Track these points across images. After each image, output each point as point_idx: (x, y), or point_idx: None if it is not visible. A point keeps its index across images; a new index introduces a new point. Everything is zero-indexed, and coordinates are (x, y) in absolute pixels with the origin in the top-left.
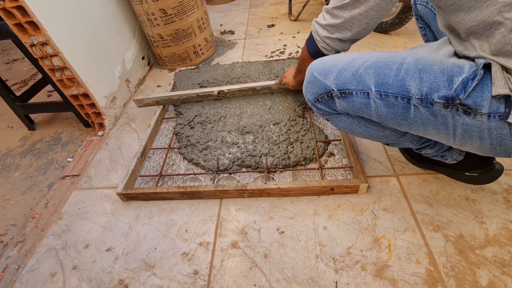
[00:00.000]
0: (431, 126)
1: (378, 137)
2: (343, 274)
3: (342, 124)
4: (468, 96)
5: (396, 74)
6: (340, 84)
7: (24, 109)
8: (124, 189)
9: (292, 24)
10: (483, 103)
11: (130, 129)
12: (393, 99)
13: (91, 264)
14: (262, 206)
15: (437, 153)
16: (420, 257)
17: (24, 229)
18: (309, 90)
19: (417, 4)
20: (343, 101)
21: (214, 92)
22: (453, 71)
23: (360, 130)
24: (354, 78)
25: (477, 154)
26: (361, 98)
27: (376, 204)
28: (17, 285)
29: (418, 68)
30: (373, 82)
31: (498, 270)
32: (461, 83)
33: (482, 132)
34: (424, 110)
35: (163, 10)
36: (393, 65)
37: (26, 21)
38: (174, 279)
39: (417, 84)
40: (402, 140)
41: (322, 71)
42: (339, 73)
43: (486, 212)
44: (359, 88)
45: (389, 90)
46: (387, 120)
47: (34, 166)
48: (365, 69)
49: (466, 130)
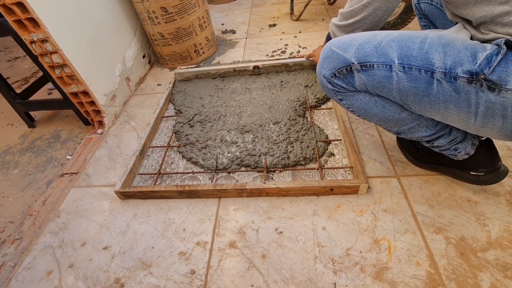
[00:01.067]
0: (453, 104)
1: (393, 121)
2: (342, 276)
3: (358, 103)
4: (492, 71)
5: (420, 47)
6: (361, 57)
7: (24, 106)
8: (122, 187)
9: (294, 23)
10: (508, 78)
11: (129, 127)
12: (416, 72)
13: (87, 263)
14: (260, 206)
15: (450, 145)
16: (421, 259)
17: (22, 226)
18: (326, 66)
19: (420, 3)
20: (363, 74)
21: (249, 67)
22: (476, 47)
23: (376, 110)
24: (376, 51)
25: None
26: (382, 71)
27: (376, 205)
28: (13, 282)
29: (442, 43)
30: (396, 54)
31: (500, 274)
32: (485, 58)
33: (506, 110)
34: (447, 85)
35: (164, 8)
36: (416, 39)
37: (26, 17)
38: (171, 279)
39: (441, 57)
40: (417, 127)
41: (342, 45)
42: (360, 46)
43: (488, 214)
44: (381, 60)
45: (413, 63)
46: (408, 96)
47: (33, 163)
48: (388, 42)
49: (489, 108)
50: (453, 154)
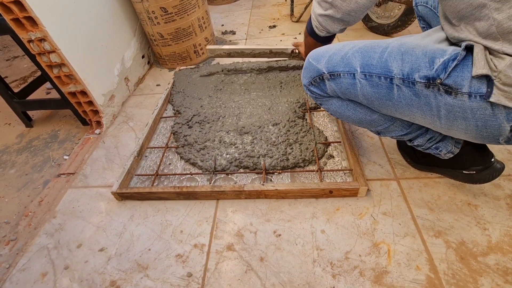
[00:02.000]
0: (415, 108)
1: (367, 122)
2: (341, 280)
3: (333, 107)
4: (448, 76)
5: (380, 56)
6: (330, 67)
7: (21, 105)
8: (119, 188)
9: (294, 25)
10: (463, 82)
11: (127, 128)
12: (376, 79)
13: (83, 265)
14: (259, 208)
15: (430, 144)
16: (420, 263)
17: (17, 227)
18: (305, 75)
19: (418, 5)
20: (333, 82)
21: (287, 50)
22: (435, 53)
23: (349, 113)
24: (343, 61)
25: (471, 145)
26: (348, 79)
27: (376, 208)
28: (7, 284)
29: (401, 51)
30: (359, 64)
31: (501, 279)
32: (442, 64)
33: (465, 113)
34: (407, 90)
35: (164, 8)
36: (378, 49)
37: (23, 16)
38: (167, 281)
39: (399, 65)
40: (391, 128)
41: (316, 57)
42: (330, 57)
43: (488, 218)
44: (346, 69)
45: (373, 71)
46: (373, 101)
47: (30, 163)
48: (352, 53)
49: (450, 111)
50: (437, 153)
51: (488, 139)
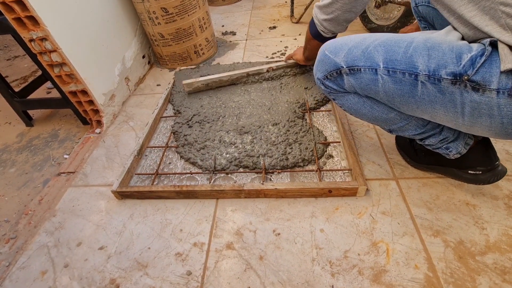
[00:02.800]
0: (439, 104)
1: (382, 120)
2: (340, 278)
3: (348, 103)
4: (476, 72)
5: (405, 52)
6: (349, 61)
7: (22, 105)
8: (119, 187)
9: (294, 26)
10: (492, 78)
11: (128, 127)
12: (400, 75)
13: (83, 263)
14: (258, 207)
15: (441, 144)
16: (419, 262)
17: (17, 225)
18: (319, 68)
19: (418, 6)
20: (352, 77)
21: (263, 70)
22: (462, 49)
23: (365, 110)
24: (364, 55)
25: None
26: (369, 75)
27: (375, 208)
28: (7, 282)
29: (427, 46)
30: (382, 58)
31: (499, 278)
32: (469, 60)
33: (492, 110)
34: (432, 87)
35: (165, 9)
36: (402, 43)
37: (25, 15)
38: (167, 280)
39: (425, 61)
40: (406, 126)
41: (333, 49)
42: (349, 50)
43: (487, 218)
44: (367, 64)
45: (397, 67)
46: (394, 98)
47: (30, 162)
48: (374, 47)
49: (475, 108)
50: (445, 153)
51: (511, 136)
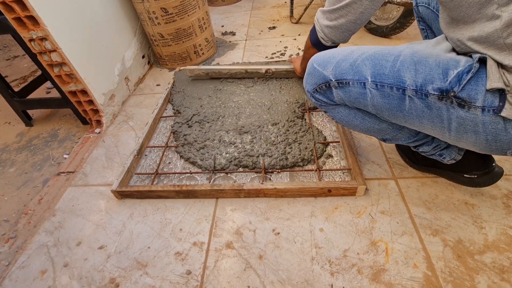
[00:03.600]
0: (426, 119)
1: (374, 131)
2: (339, 277)
3: (339, 115)
4: (462, 89)
5: (392, 66)
6: (338, 74)
7: (22, 104)
8: (119, 187)
9: (293, 26)
10: (477, 96)
11: (127, 127)
12: (388, 89)
13: (82, 262)
14: (258, 207)
15: (435, 151)
16: (418, 261)
17: (17, 225)
18: (309, 81)
19: (419, 6)
20: (340, 91)
21: (261, 70)
22: (448, 64)
23: (356, 122)
24: (352, 69)
25: (475, 151)
26: (357, 88)
27: (374, 207)
28: (7, 281)
29: (414, 60)
30: (370, 72)
31: (497, 276)
32: (456, 76)
33: (477, 127)
34: (419, 101)
35: (164, 9)
36: (389, 57)
37: (25, 15)
38: (167, 279)
39: (412, 76)
40: (399, 136)
41: (322, 62)
42: (337, 63)
43: (485, 217)
44: (356, 78)
45: (385, 81)
46: (383, 111)
47: (29, 162)
48: (362, 60)
49: (461, 124)
50: (440, 159)
51: (495, 152)
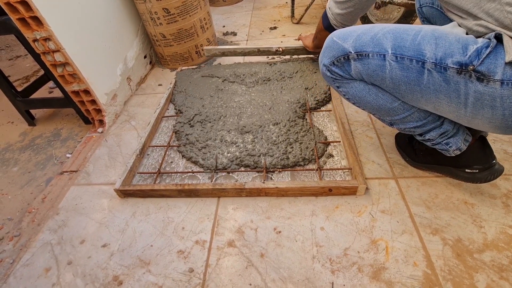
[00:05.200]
0: (443, 94)
1: (386, 110)
2: (340, 275)
3: (353, 91)
4: (481, 63)
5: (413, 39)
6: (358, 46)
7: (25, 104)
8: (121, 186)
9: (294, 27)
10: (496, 69)
11: (130, 127)
12: (408, 62)
13: (86, 260)
14: (259, 206)
15: (442, 139)
16: (418, 260)
17: (21, 223)
18: (326, 54)
19: (422, 7)
20: (359, 63)
21: (272, 49)
22: (468, 40)
23: (369, 98)
24: (372, 41)
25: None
26: (377, 60)
27: (374, 206)
28: (11, 279)
29: (435, 35)
30: (390, 45)
31: (496, 275)
32: (475, 51)
33: (495, 101)
34: (438, 75)
35: (166, 9)
36: (410, 31)
37: (29, 16)
38: (169, 277)
39: (432, 49)
40: (408, 118)
41: (342, 36)
42: (358, 36)
43: (484, 216)
44: (376, 50)
45: (405, 53)
46: (400, 85)
47: (33, 161)
48: (383, 34)
49: (478, 99)
50: (445, 149)
51: (510, 129)
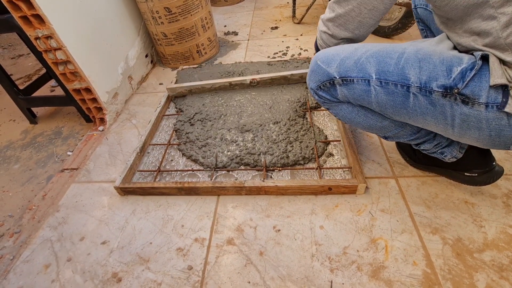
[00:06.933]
0: (430, 116)
1: (377, 128)
2: (339, 274)
3: (342, 113)
4: (466, 86)
5: (397, 63)
6: (342, 72)
7: (26, 102)
8: (122, 183)
9: (296, 26)
10: (481, 92)
11: (130, 125)
12: (393, 86)
13: (85, 257)
14: (259, 204)
15: (436, 149)
16: (417, 259)
17: (21, 220)
18: (312, 79)
19: (417, 8)
20: (345, 88)
21: (246, 81)
22: (452, 61)
23: (359, 119)
24: (356, 66)
25: (476, 149)
26: (362, 85)
27: (374, 205)
28: (11, 275)
29: (418, 58)
30: (374, 70)
31: (496, 274)
32: (459, 73)
33: (480, 123)
34: (423, 98)
35: (168, 8)
36: (394, 54)
37: (31, 14)
38: (168, 274)
39: (416, 73)
40: (401, 133)
41: (326, 59)
42: (341, 61)
43: (485, 216)
44: (360, 75)
45: (389, 78)
46: (387, 108)
47: (34, 159)
48: (366, 58)
49: (465, 120)
50: (441, 157)
51: (498, 147)
